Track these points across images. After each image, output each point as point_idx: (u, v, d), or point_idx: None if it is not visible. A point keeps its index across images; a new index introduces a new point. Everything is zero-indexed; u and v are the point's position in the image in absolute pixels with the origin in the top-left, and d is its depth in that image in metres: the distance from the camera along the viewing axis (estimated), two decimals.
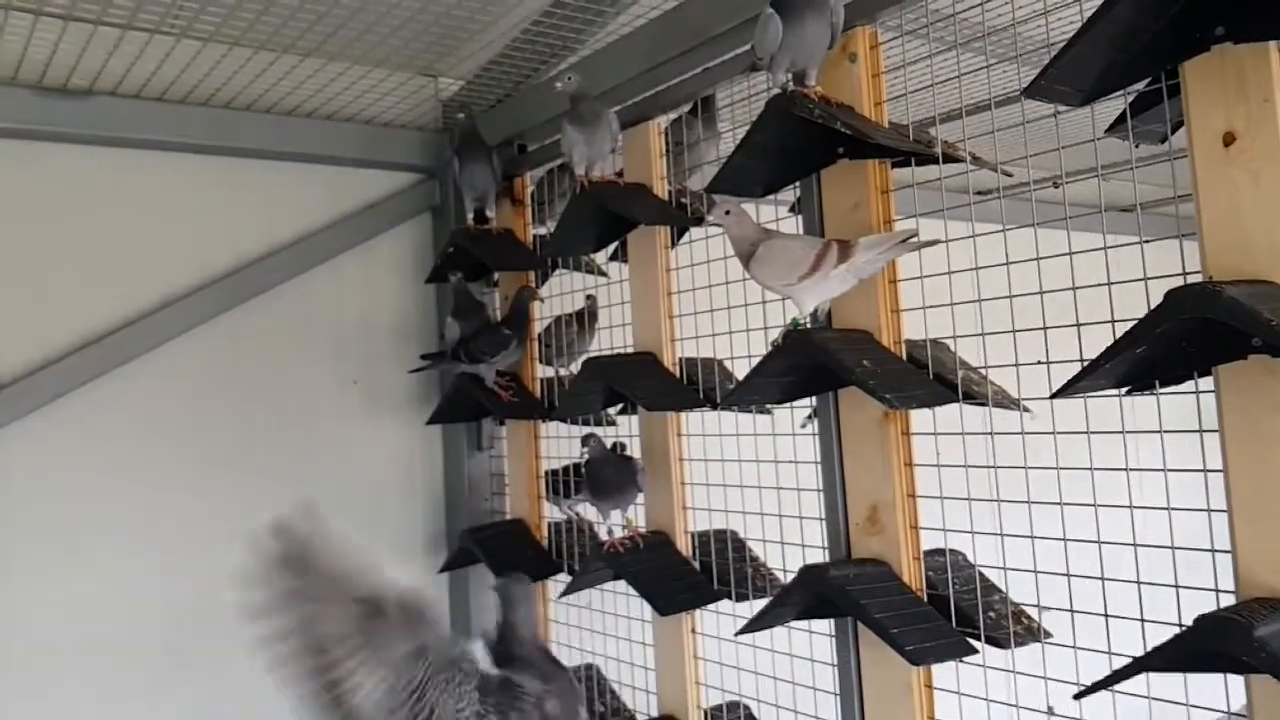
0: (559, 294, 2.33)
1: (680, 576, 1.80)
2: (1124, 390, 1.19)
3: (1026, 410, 1.37)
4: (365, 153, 2.54)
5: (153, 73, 2.09)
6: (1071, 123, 1.31)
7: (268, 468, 2.35)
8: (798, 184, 1.63)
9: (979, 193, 1.43)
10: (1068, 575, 1.29)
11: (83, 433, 2.15)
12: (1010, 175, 1.46)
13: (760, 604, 1.59)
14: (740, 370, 1.82)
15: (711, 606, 1.82)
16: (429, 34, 2.06)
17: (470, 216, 2.36)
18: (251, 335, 2.38)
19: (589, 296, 2.28)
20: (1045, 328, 1.30)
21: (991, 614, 1.39)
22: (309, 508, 1.17)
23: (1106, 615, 1.23)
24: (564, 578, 2.17)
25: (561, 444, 2.29)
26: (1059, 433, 1.29)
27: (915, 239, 1.36)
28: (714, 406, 1.78)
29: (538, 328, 2.34)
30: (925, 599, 1.43)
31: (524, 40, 2.11)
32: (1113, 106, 1.27)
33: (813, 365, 1.48)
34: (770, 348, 1.50)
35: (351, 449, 2.50)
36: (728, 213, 1.49)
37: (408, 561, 2.52)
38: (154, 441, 2.23)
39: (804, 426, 1.66)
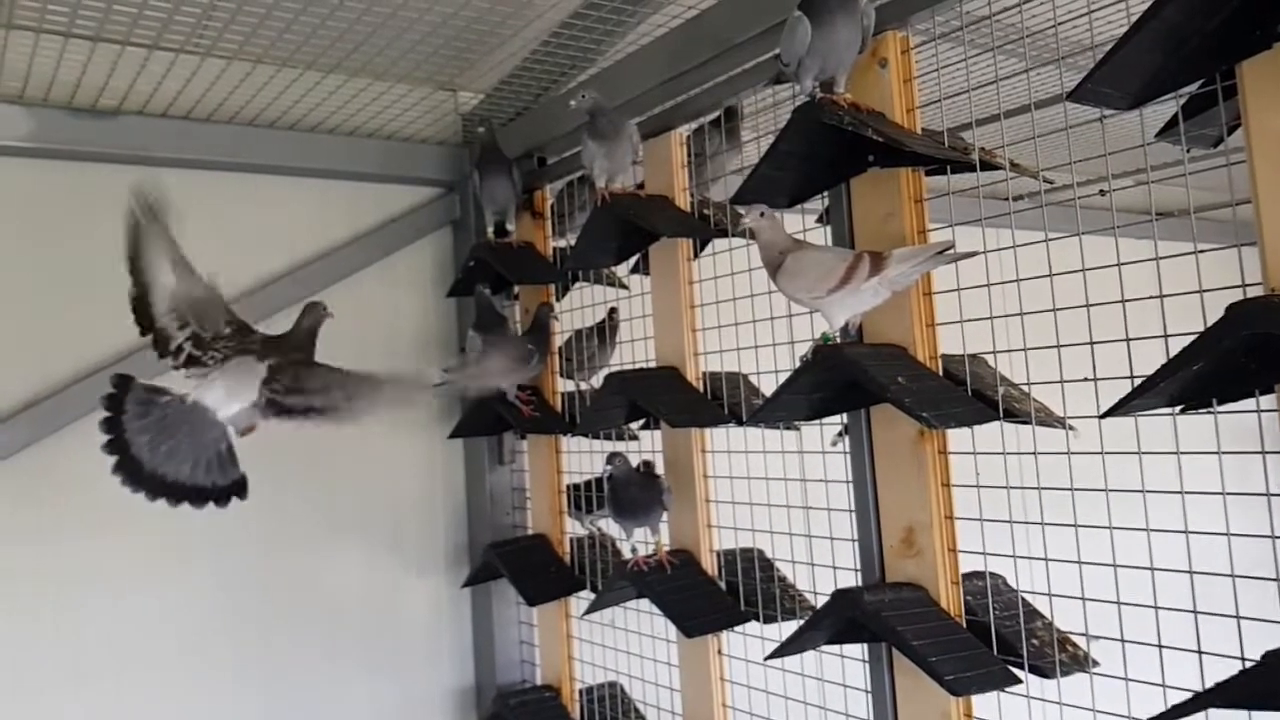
0: (578, 307, 2.29)
1: (706, 597, 1.75)
2: (1178, 409, 1.13)
3: (1071, 429, 1.31)
4: (386, 168, 2.51)
5: (179, 92, 2.09)
6: (1118, 126, 1.25)
7: (290, 481, 2.33)
8: (826, 194, 1.58)
9: (1018, 198, 1.37)
10: (1118, 603, 1.22)
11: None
12: (1051, 182, 1.40)
13: (789, 626, 1.54)
14: (766, 385, 1.77)
15: (739, 628, 1.76)
16: (449, 48, 2.03)
17: (490, 230, 2.32)
18: None
19: (611, 309, 2.23)
20: (1092, 342, 1.23)
21: (1035, 641, 1.33)
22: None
23: (1160, 646, 1.17)
24: (587, 595, 2.12)
25: (583, 458, 2.24)
26: (1107, 453, 1.23)
27: (952, 251, 1.30)
28: (739, 423, 1.72)
29: (558, 341, 2.30)
30: (964, 625, 1.37)
31: (543, 52, 2.08)
32: (1162, 109, 1.22)
33: (844, 381, 1.43)
34: (799, 362, 1.45)
35: (373, 463, 2.47)
36: (762, 214, 1.45)
37: (430, 575, 2.49)
38: None
39: (834, 444, 1.61)
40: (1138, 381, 1.08)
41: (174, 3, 1.69)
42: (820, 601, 1.49)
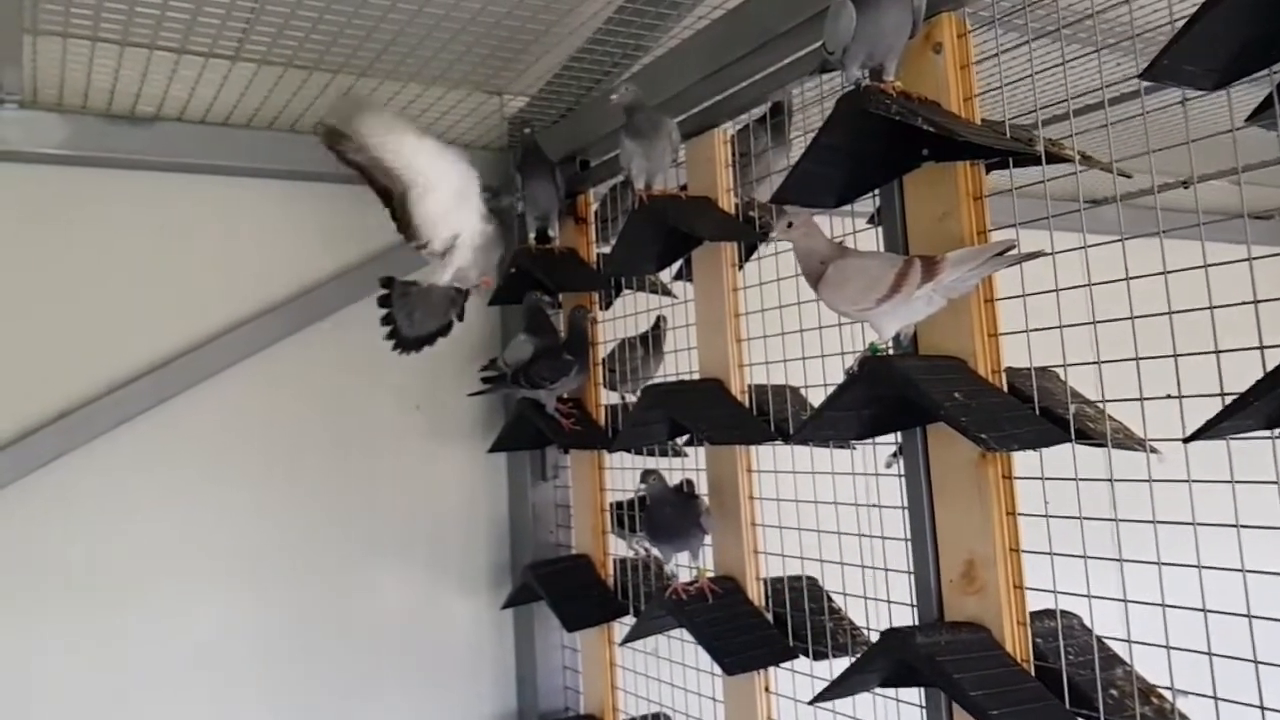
0: (622, 316, 2.18)
1: (750, 629, 1.63)
2: (1277, 431, 0.98)
3: (1154, 452, 1.16)
4: None
5: (214, 97, 2.06)
6: (1203, 111, 1.10)
7: (329, 496, 2.29)
8: (876, 192, 1.45)
9: (1092, 201, 1.23)
10: (1209, 654, 1.07)
11: (144, 459, 2.11)
12: (1129, 176, 1.25)
13: (842, 663, 1.41)
14: (818, 399, 1.64)
15: (787, 664, 1.63)
16: (482, 46, 1.94)
17: (532, 236, 2.24)
18: (315, 360, 2.32)
19: (658, 318, 2.13)
20: (1176, 355, 1.09)
21: (1113, 693, 1.18)
22: None
23: (1263, 708, 1.02)
24: (631, 620, 2.02)
25: (628, 475, 2.14)
26: (1194, 481, 1.08)
27: (1014, 251, 1.17)
28: (785, 440, 1.60)
29: (603, 351, 2.20)
30: (1032, 672, 1.23)
31: (584, 50, 1.98)
32: (1254, 90, 1.06)
33: (896, 397, 1.30)
34: (846, 375, 1.32)
35: (414, 477, 2.41)
36: (790, 225, 1.33)
37: (471, 595, 2.42)
38: (215, 468, 2.19)
39: (888, 466, 1.48)
40: (1229, 400, 0.94)
41: (196, 5, 1.65)
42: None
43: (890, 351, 1.39)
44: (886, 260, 1.28)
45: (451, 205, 1.82)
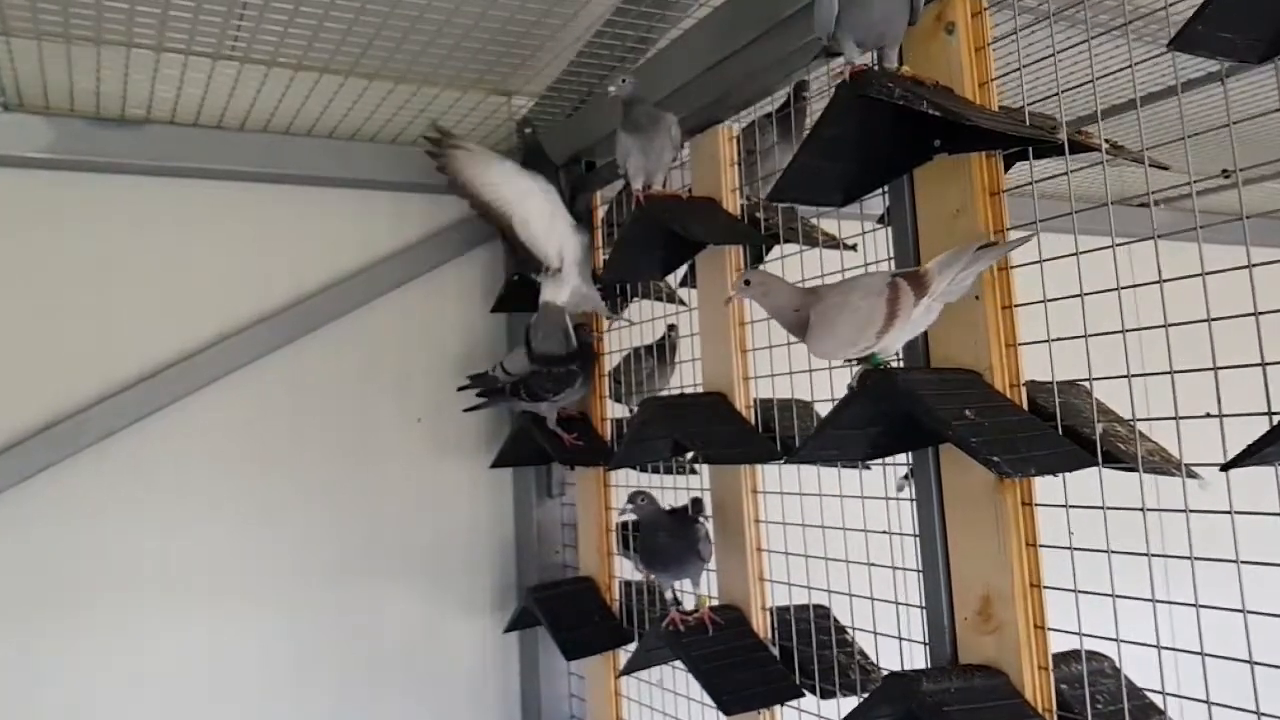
0: (629, 324, 2.07)
1: (753, 665, 1.50)
2: None
3: (1193, 478, 1.02)
4: (432, 177, 2.35)
5: (203, 98, 1.99)
6: (1247, 93, 0.96)
7: (327, 510, 2.21)
8: (886, 189, 1.32)
9: (1141, 205, 1.09)
10: (1257, 714, 0.93)
11: (137, 469, 2.04)
12: (1165, 168, 1.12)
13: (851, 703, 1.28)
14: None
15: (792, 703, 1.51)
16: (472, 40, 1.84)
17: None
18: (312, 370, 2.24)
19: (670, 326, 2.02)
20: (1216, 367, 0.95)
21: None
22: None
23: None
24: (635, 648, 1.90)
25: None
26: (1238, 512, 0.94)
27: (997, 243, 1.04)
28: (788, 459, 1.48)
29: (610, 362, 2.10)
30: None
31: (589, 46, 1.88)
32: None
33: (903, 414, 1.17)
34: (847, 390, 1.20)
35: (415, 492, 2.31)
36: (748, 283, 1.21)
37: (475, 617, 2.32)
38: (208, 481, 2.11)
39: (900, 489, 1.35)
40: (1278, 420, 0.81)
41: (163, 6, 1.58)
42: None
43: (900, 363, 1.26)
44: (869, 288, 1.15)
45: (548, 225, 1.95)
